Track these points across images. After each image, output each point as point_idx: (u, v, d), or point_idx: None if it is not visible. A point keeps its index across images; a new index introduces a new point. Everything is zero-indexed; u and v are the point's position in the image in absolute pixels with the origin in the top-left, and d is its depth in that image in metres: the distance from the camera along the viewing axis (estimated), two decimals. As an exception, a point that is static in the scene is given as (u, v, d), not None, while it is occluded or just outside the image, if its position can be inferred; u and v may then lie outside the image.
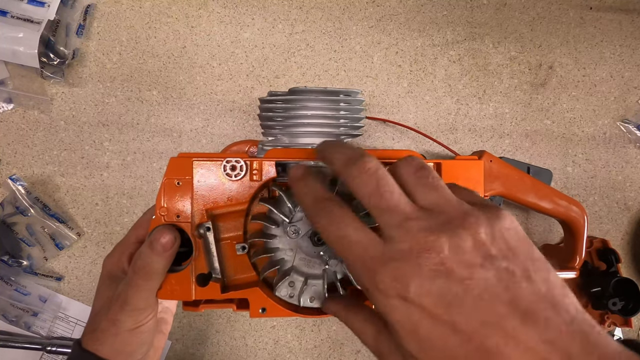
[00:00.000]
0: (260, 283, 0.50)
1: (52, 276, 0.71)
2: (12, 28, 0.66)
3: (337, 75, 0.75)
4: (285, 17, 0.75)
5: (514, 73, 0.78)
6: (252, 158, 0.48)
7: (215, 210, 0.48)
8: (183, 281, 0.47)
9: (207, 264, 0.48)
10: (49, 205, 0.70)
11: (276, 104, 0.53)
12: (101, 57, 0.72)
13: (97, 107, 0.72)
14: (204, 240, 0.48)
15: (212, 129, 0.73)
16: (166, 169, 0.47)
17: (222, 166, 0.47)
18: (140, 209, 0.72)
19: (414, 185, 0.32)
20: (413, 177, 0.32)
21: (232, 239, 0.50)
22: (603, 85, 0.79)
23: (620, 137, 0.79)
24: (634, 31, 0.79)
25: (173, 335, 0.73)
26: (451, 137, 0.76)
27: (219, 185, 0.48)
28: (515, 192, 0.62)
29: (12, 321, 0.69)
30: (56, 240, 0.70)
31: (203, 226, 0.47)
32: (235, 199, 0.48)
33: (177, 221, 0.47)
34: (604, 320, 0.73)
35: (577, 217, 0.66)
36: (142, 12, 0.73)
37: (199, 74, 0.73)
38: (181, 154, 0.48)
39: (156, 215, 0.47)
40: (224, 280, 0.49)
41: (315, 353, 0.75)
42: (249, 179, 0.48)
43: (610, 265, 0.73)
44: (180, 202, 0.47)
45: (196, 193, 0.47)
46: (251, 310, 0.48)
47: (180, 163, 0.47)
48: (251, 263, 0.50)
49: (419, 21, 0.76)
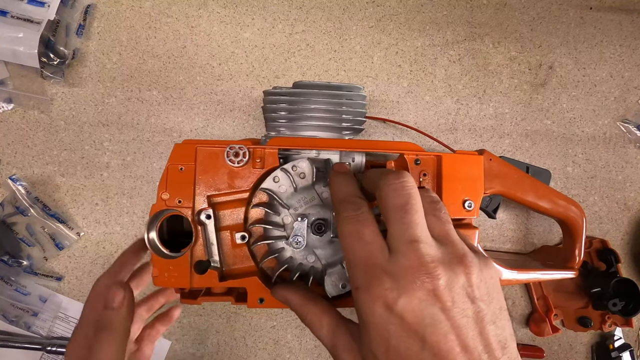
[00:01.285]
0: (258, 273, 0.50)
1: (52, 276, 0.71)
2: (12, 28, 0.67)
3: (337, 75, 0.75)
4: (285, 17, 0.75)
5: (514, 73, 0.78)
6: (255, 145, 0.49)
7: (216, 198, 0.49)
8: (181, 268, 0.47)
9: (206, 252, 0.48)
10: (49, 205, 0.70)
11: (280, 97, 0.53)
12: (101, 57, 0.72)
13: (97, 107, 0.72)
14: (204, 227, 0.48)
15: (212, 129, 0.73)
16: (170, 155, 0.47)
17: (226, 152, 0.47)
18: (140, 209, 0.72)
19: (427, 213, 0.34)
20: (428, 206, 0.35)
21: (231, 228, 0.50)
22: (603, 85, 0.79)
23: (620, 137, 0.79)
24: (634, 31, 0.79)
25: (173, 335, 0.73)
26: (451, 137, 0.76)
27: (222, 171, 0.48)
28: (514, 191, 0.62)
29: (12, 321, 0.69)
30: (56, 240, 0.70)
31: (204, 213, 0.47)
32: (238, 186, 0.48)
33: (179, 206, 0.47)
34: (604, 321, 0.73)
35: (575, 217, 0.66)
36: (142, 12, 0.73)
37: (199, 74, 0.73)
38: (186, 140, 0.48)
39: (158, 199, 0.47)
40: (222, 269, 0.49)
41: (315, 353, 0.75)
42: (252, 166, 0.49)
43: (610, 265, 0.73)
44: (182, 188, 0.47)
45: (198, 179, 0.48)
46: (249, 301, 0.48)
47: (184, 149, 0.48)
48: (250, 251, 0.50)
49: (419, 21, 0.76)
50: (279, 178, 0.49)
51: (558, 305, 0.75)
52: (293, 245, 0.48)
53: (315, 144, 0.51)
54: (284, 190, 0.49)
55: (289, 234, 0.49)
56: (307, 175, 0.49)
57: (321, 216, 0.50)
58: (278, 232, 0.49)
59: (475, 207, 0.56)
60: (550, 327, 0.72)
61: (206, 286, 0.49)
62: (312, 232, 0.49)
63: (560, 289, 0.75)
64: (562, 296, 0.75)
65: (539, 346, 0.77)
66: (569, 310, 0.75)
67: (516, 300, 0.77)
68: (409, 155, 0.55)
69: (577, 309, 0.75)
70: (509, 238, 0.78)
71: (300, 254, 0.50)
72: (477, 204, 0.56)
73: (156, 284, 0.47)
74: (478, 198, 0.56)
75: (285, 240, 0.49)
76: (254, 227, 0.50)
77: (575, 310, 0.75)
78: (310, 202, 0.50)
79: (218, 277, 0.48)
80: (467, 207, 0.55)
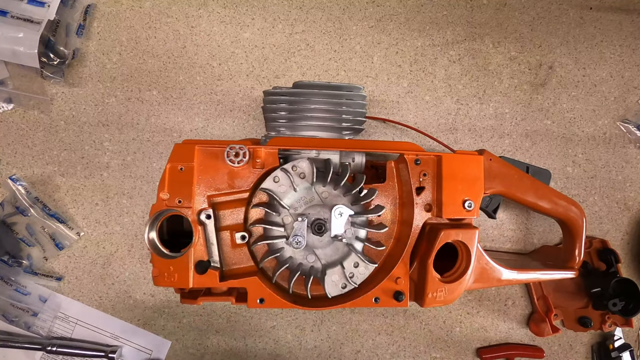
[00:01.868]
0: (258, 273, 0.50)
1: (52, 276, 0.71)
2: (12, 28, 0.66)
3: (337, 75, 0.75)
4: (285, 17, 0.75)
5: (514, 73, 0.78)
6: (255, 145, 0.49)
7: (216, 198, 0.49)
8: (181, 268, 0.47)
9: (207, 252, 0.48)
10: (49, 205, 0.70)
11: (280, 97, 0.53)
12: (101, 57, 0.72)
13: (97, 107, 0.72)
14: (204, 227, 0.48)
15: (212, 129, 0.73)
16: (170, 155, 0.47)
17: (226, 152, 0.47)
18: (140, 209, 0.72)
19: None
20: None
21: (231, 228, 0.50)
22: (603, 85, 0.79)
23: (620, 137, 0.79)
24: (634, 31, 0.79)
25: (173, 335, 0.73)
26: (451, 137, 0.76)
27: (222, 171, 0.48)
28: (514, 191, 0.62)
29: (12, 321, 0.69)
30: (56, 240, 0.70)
31: (204, 213, 0.47)
32: (238, 186, 0.48)
33: (179, 206, 0.47)
34: (604, 321, 0.73)
35: (575, 217, 0.66)
36: (142, 12, 0.73)
37: (199, 74, 0.73)
38: (185, 140, 0.48)
39: (158, 199, 0.47)
40: (222, 269, 0.49)
41: (315, 353, 0.75)
42: (252, 166, 0.49)
43: (610, 265, 0.73)
44: (182, 188, 0.47)
45: (198, 179, 0.48)
46: (249, 301, 0.48)
47: (184, 149, 0.48)
48: (250, 251, 0.50)
49: (419, 21, 0.76)
50: (279, 178, 0.49)
51: (558, 305, 0.75)
52: (293, 245, 0.48)
53: (315, 144, 0.51)
54: (284, 190, 0.49)
55: (289, 233, 0.49)
56: (307, 175, 0.49)
57: (321, 216, 0.50)
58: (278, 232, 0.49)
59: (475, 207, 0.56)
60: (550, 327, 0.72)
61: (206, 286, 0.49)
62: (312, 232, 0.49)
63: (560, 289, 0.75)
64: (562, 296, 0.75)
65: (539, 346, 0.77)
66: (569, 310, 0.75)
67: (516, 300, 0.77)
68: (409, 155, 0.55)
69: (577, 309, 0.75)
70: (509, 238, 0.78)
71: (300, 254, 0.50)
72: (477, 204, 0.56)
73: (156, 284, 0.47)
74: (478, 198, 0.56)
75: (285, 240, 0.49)
76: (254, 227, 0.50)
77: (575, 310, 0.75)
78: (310, 202, 0.50)
79: (218, 277, 0.48)
80: (467, 207, 0.55)
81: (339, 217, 0.50)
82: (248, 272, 0.50)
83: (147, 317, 0.72)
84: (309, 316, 0.74)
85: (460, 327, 0.76)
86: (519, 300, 0.77)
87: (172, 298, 0.72)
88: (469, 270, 0.57)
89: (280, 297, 0.49)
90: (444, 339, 0.76)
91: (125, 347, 0.72)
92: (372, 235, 0.55)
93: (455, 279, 0.57)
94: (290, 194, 0.49)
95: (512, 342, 0.77)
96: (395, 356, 0.75)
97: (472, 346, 0.77)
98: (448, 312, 0.76)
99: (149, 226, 0.47)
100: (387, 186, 0.57)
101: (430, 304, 0.56)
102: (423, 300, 0.56)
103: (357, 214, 0.51)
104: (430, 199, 0.55)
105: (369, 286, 0.54)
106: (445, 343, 0.76)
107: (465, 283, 0.58)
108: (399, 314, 0.75)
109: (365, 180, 0.52)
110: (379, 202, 0.56)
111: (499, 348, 0.76)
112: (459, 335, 0.76)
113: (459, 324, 0.76)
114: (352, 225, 0.52)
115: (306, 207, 0.50)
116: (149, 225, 0.47)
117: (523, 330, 0.77)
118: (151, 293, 0.72)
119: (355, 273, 0.51)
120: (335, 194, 0.51)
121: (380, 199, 0.56)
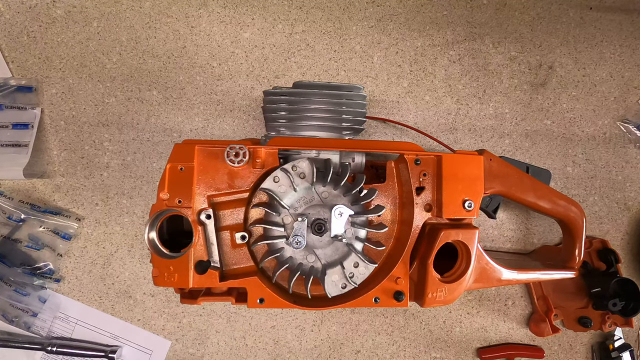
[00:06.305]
0: (258, 273, 0.50)
1: (52, 276, 0.71)
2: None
3: (337, 75, 0.75)
4: (285, 17, 0.75)
5: (514, 73, 0.78)
6: (255, 145, 0.49)
7: (216, 198, 0.49)
8: (181, 268, 0.47)
9: (206, 252, 0.48)
10: (36, 203, 0.70)
11: (280, 97, 0.53)
12: (101, 57, 0.72)
13: (97, 107, 0.72)
14: (204, 227, 0.48)
15: (212, 129, 0.73)
16: (170, 155, 0.47)
17: (226, 152, 0.47)
18: (140, 209, 0.72)
19: None
20: None
21: (231, 228, 0.50)
22: (603, 85, 0.79)
23: (620, 137, 0.79)
24: (634, 31, 0.79)
25: (173, 335, 0.73)
26: (451, 137, 0.76)
27: (222, 171, 0.48)
28: (514, 191, 0.62)
29: (12, 321, 0.69)
30: (60, 233, 0.70)
31: (204, 213, 0.47)
32: (238, 186, 0.48)
33: (179, 206, 0.47)
34: (604, 321, 0.73)
35: (575, 217, 0.66)
36: (142, 12, 0.73)
37: (199, 74, 0.73)
38: (185, 140, 0.48)
39: (158, 199, 0.47)
40: (222, 269, 0.49)
41: (315, 353, 0.75)
42: (252, 166, 0.49)
43: (610, 265, 0.73)
44: (182, 188, 0.47)
45: (198, 179, 0.48)
46: (249, 301, 0.48)
47: (184, 149, 0.48)
48: (250, 251, 0.50)
49: (419, 21, 0.76)
50: (279, 178, 0.49)
51: (558, 305, 0.75)
52: (293, 245, 0.48)
53: (315, 144, 0.51)
54: (284, 190, 0.49)
55: (289, 233, 0.49)
56: (307, 175, 0.49)
57: (321, 216, 0.50)
58: (278, 232, 0.49)
59: (475, 207, 0.56)
60: (550, 327, 0.72)
61: (206, 286, 0.49)
62: (312, 232, 0.49)
63: (560, 289, 0.75)
64: (562, 296, 0.75)
65: (539, 346, 0.77)
66: (569, 310, 0.75)
67: (516, 300, 0.77)
68: (409, 155, 0.55)
69: (577, 309, 0.75)
70: (509, 238, 0.78)
71: (300, 254, 0.50)
72: (477, 204, 0.56)
73: (156, 284, 0.47)
74: (478, 198, 0.56)
75: (285, 240, 0.49)
76: (254, 227, 0.50)
77: (575, 310, 0.75)
78: (310, 202, 0.50)
79: (218, 277, 0.48)
80: (467, 207, 0.55)
81: (339, 217, 0.50)
82: (248, 272, 0.50)
83: (147, 317, 0.72)
84: (309, 316, 0.74)
85: (460, 327, 0.76)
86: (519, 300, 0.77)
87: (172, 298, 0.72)
88: (469, 270, 0.57)
89: (280, 297, 0.49)
90: (444, 339, 0.76)
91: (125, 347, 0.72)
92: (372, 235, 0.55)
93: (455, 279, 0.57)
94: (290, 194, 0.49)
95: (512, 342, 0.77)
96: (395, 356, 0.75)
97: (472, 346, 0.77)
98: (448, 312, 0.76)
99: (149, 226, 0.47)
100: (387, 186, 0.57)
101: (430, 304, 0.56)
102: (423, 300, 0.56)
103: (357, 214, 0.51)
104: (430, 199, 0.56)
105: (369, 286, 0.54)
106: (445, 343, 0.76)
107: (465, 283, 0.58)
108: (399, 314, 0.75)
109: (365, 180, 0.52)
110: (379, 202, 0.56)
111: (499, 348, 0.76)
112: (459, 335, 0.76)
113: (459, 324, 0.76)
114: (352, 225, 0.52)
115: (306, 207, 0.50)
116: (149, 225, 0.47)
117: (523, 330, 0.77)
118: (151, 293, 0.72)
119: (355, 273, 0.51)
120: (335, 194, 0.52)
121: (380, 199, 0.56)
